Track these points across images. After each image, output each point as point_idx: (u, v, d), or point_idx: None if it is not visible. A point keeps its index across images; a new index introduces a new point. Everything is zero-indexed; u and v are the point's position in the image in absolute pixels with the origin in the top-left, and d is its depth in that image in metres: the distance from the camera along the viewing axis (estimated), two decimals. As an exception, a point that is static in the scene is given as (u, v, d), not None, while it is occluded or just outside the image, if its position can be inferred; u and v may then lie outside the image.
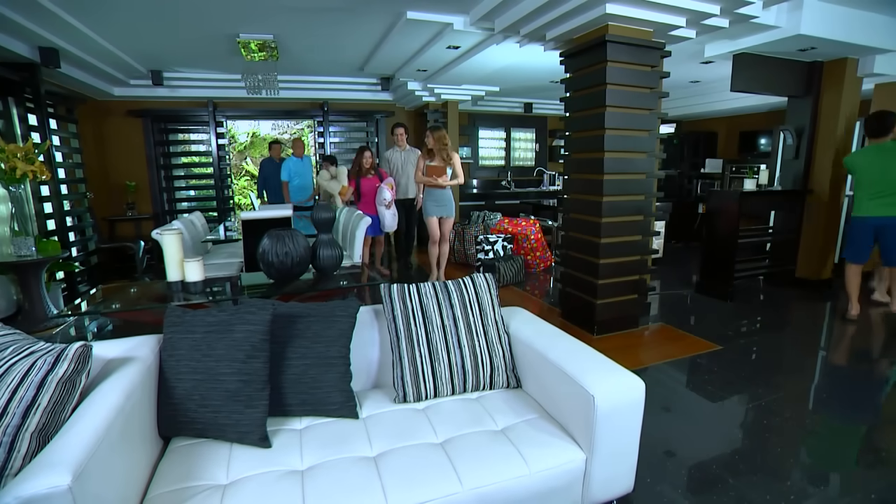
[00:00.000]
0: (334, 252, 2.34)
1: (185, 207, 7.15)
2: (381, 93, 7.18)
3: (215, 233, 5.14)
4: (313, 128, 7.50)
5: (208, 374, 1.42)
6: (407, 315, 1.82)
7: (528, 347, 1.80)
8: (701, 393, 2.86)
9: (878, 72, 4.60)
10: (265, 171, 6.47)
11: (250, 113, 7.19)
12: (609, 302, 3.63)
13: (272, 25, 4.30)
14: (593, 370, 1.53)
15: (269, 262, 2.14)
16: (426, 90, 6.61)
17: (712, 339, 3.60)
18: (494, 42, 4.35)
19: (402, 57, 5.38)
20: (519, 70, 5.68)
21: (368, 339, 1.88)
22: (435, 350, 1.77)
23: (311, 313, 1.62)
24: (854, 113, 4.82)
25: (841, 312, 4.34)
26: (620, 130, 3.39)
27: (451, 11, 3.99)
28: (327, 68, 6.18)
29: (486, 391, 1.82)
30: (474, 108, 8.30)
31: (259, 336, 1.44)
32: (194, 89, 6.44)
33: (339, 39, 4.81)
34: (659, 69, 3.58)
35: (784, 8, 3.81)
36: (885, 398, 2.82)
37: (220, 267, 3.76)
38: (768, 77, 4.64)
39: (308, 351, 1.55)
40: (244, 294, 2.20)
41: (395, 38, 4.58)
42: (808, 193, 4.99)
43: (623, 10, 3.14)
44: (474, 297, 1.90)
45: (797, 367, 3.23)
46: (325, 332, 1.60)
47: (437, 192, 4.62)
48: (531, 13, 3.42)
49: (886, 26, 4.22)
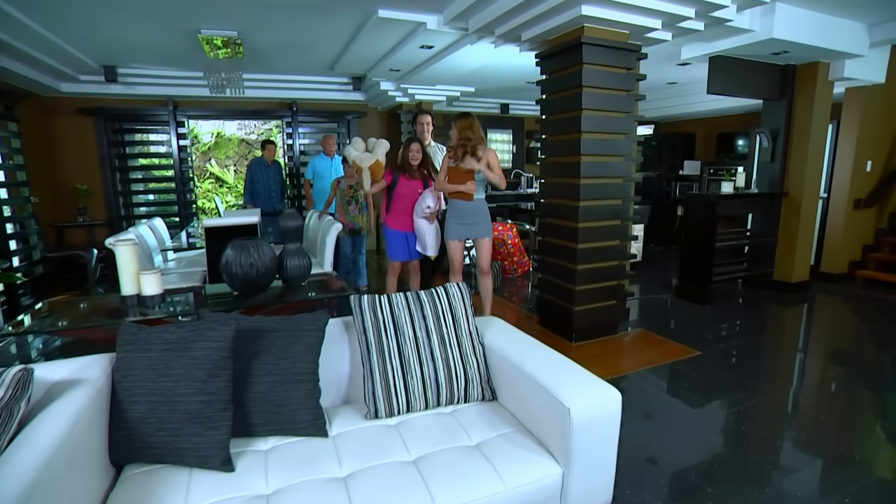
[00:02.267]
0: (302, 262, 2.31)
1: (144, 213, 6.95)
2: (353, 93, 7.16)
3: (177, 240, 5.03)
4: (282, 129, 7.42)
5: (166, 395, 1.38)
6: (378, 327, 1.81)
7: (502, 359, 1.81)
8: (681, 399, 2.93)
9: (848, 76, 4.83)
10: (253, 174, 6.06)
11: (214, 112, 7.06)
12: (587, 308, 3.69)
13: (236, 21, 4.24)
14: (569, 382, 1.55)
15: (232, 274, 2.11)
16: (399, 90, 6.62)
17: (691, 344, 3.70)
18: (469, 42, 4.39)
19: (374, 56, 5.37)
20: (495, 71, 5.74)
21: (338, 353, 1.86)
22: (407, 363, 1.77)
23: (278, 327, 1.60)
24: (826, 116, 5.04)
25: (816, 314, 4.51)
26: (597, 134, 3.47)
27: (423, 10, 4.01)
28: (296, 67, 6.13)
29: (461, 404, 1.83)
30: (450, 108, 8.33)
31: (221, 353, 1.42)
32: (152, 87, 6.28)
33: (307, 37, 4.78)
34: (635, 72, 3.67)
35: (757, 12, 3.96)
36: (860, 401, 2.94)
37: (181, 277, 3.67)
38: (744, 80, 4.82)
39: (274, 367, 1.53)
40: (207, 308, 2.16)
41: (367, 36, 4.58)
42: (783, 196, 5.19)
43: (599, 12, 3.22)
44: (447, 308, 1.90)
45: (775, 371, 3.35)
46: (292, 347, 1.58)
47: (462, 204, 3.47)
48: (506, 13, 3.47)
49: (855, 32, 4.44)
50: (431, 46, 4.73)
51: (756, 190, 5.42)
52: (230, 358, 1.45)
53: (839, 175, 5.53)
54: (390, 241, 3.94)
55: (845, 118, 5.41)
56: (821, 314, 4.80)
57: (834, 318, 4.71)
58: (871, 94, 5.23)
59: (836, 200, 5.57)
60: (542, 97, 3.86)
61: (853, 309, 4.95)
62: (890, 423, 2.72)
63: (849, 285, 5.54)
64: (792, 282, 5.19)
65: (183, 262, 4.46)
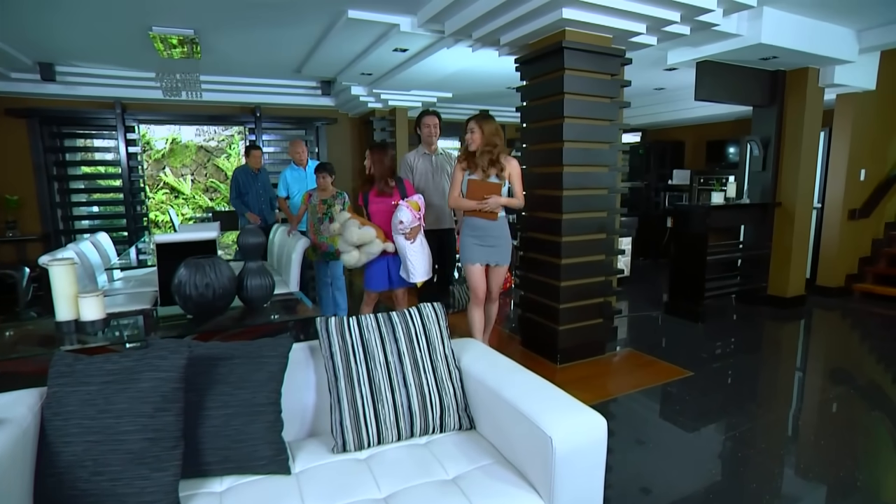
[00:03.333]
0: (264, 281, 2.30)
1: (87, 227, 6.81)
2: (322, 97, 7.19)
3: (125, 257, 4.93)
4: (244, 135, 7.39)
5: (106, 433, 1.35)
6: (346, 351, 1.81)
7: (481, 384, 1.82)
8: (674, 423, 2.98)
9: (838, 82, 5.05)
10: (240, 185, 5.68)
11: (168, 117, 7.00)
12: (572, 328, 3.73)
13: (192, 19, 4.23)
14: (551, 408, 1.57)
15: (185, 296, 2.08)
16: (372, 96, 6.67)
17: (683, 364, 3.77)
18: (445, 45, 4.47)
19: (345, 59, 5.42)
20: (473, 75, 5.83)
21: (303, 380, 1.85)
22: (378, 390, 1.77)
23: (236, 354, 1.59)
24: (818, 123, 5.26)
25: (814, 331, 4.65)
26: (580, 143, 3.55)
27: (396, 11, 4.08)
28: (259, 69, 6.13)
29: (436, 434, 1.83)
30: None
31: (171, 384, 1.40)
32: (97, 87, 6.13)
33: (272, 37, 4.80)
34: (620, 77, 3.79)
35: (744, 16, 4.13)
36: (862, 423, 3.03)
37: (129, 299, 3.60)
38: (732, 86, 5.00)
39: (231, 398, 1.51)
40: (157, 333, 2.12)
41: (336, 38, 4.62)
42: (776, 206, 5.36)
43: (580, 16, 3.32)
44: (421, 330, 1.91)
45: (772, 392, 3.43)
46: (252, 375, 1.56)
47: (483, 223, 3.27)
48: (483, 16, 3.55)
49: (844, 37, 4.66)
50: (406, 49, 4.80)
51: (748, 200, 5.59)
52: (181, 389, 1.43)
53: (833, 184, 5.75)
54: (367, 267, 3.61)
55: (837, 126, 5.65)
56: (818, 331, 4.94)
57: (832, 334, 4.86)
58: (863, 101, 5.48)
59: (831, 211, 5.78)
60: (523, 104, 3.94)
61: (851, 325, 5.11)
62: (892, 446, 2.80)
63: (846, 299, 5.73)
64: (787, 296, 5.34)
65: (132, 281, 4.37)
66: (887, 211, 6.08)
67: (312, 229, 4.27)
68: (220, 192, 10.96)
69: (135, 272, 4.64)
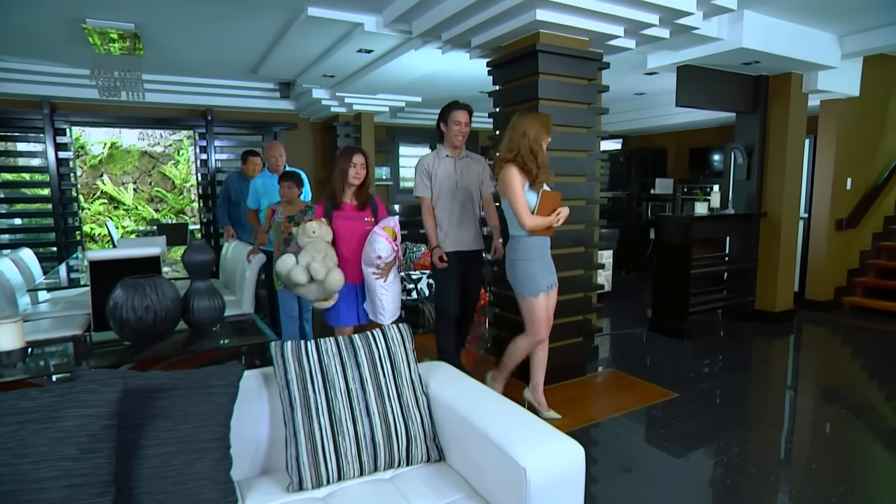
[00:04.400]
0: (213, 303, 2.27)
1: (7, 241, 6.54)
2: (280, 101, 7.16)
3: (52, 276, 4.77)
4: (194, 140, 7.28)
5: (21, 481, 1.28)
6: (304, 378, 1.79)
7: (450, 412, 1.82)
8: (660, 449, 3.03)
9: (822, 88, 5.29)
10: (230, 192, 5.28)
11: (105, 119, 6.83)
12: (550, 348, 3.74)
13: (134, 12, 4.13)
14: (525, 437, 1.58)
15: (122, 320, 2.03)
16: (335, 99, 6.68)
17: (669, 384, 3.83)
18: (413, 47, 4.52)
19: (305, 59, 5.42)
20: (443, 79, 5.90)
21: (255, 412, 1.82)
22: (338, 421, 1.75)
23: (179, 385, 1.55)
24: (802, 130, 5.48)
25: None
26: (556, 152, 3.60)
27: (360, 10, 4.11)
28: (210, 69, 6.07)
29: (402, 468, 1.82)
30: (393, 120, 8.47)
31: (101, 421, 1.35)
32: (21, 84, 5.90)
33: (224, 35, 4.76)
34: (597, 83, 3.88)
35: (725, 20, 4.30)
36: (855, 444, 3.12)
37: (57, 323, 3.48)
38: (714, 91, 5.18)
39: (171, 435, 1.48)
40: (87, 364, 2.06)
41: (295, 37, 4.63)
42: (762, 217, 5.54)
43: (555, 17, 3.41)
44: (385, 353, 1.91)
45: (760, 413, 3.51)
46: (197, 407, 1.53)
47: (545, 243, 3.09)
48: (453, 16, 3.60)
49: (826, 42, 4.89)
50: (371, 51, 4.84)
51: (732, 210, 5.77)
52: (113, 427, 1.38)
53: (819, 193, 5.98)
54: (338, 305, 3.20)
55: (822, 133, 5.89)
56: (808, 347, 5.10)
57: (822, 351, 5.02)
58: (847, 108, 5.74)
59: (818, 221, 6.00)
60: (496, 110, 4.01)
61: (842, 340, 5.30)
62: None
63: (836, 313, 5.94)
64: (775, 311, 5.51)
65: (60, 303, 4.23)
66: (874, 221, 6.34)
67: (277, 252, 3.84)
68: (167, 202, 10.74)
69: (65, 293, 4.50)
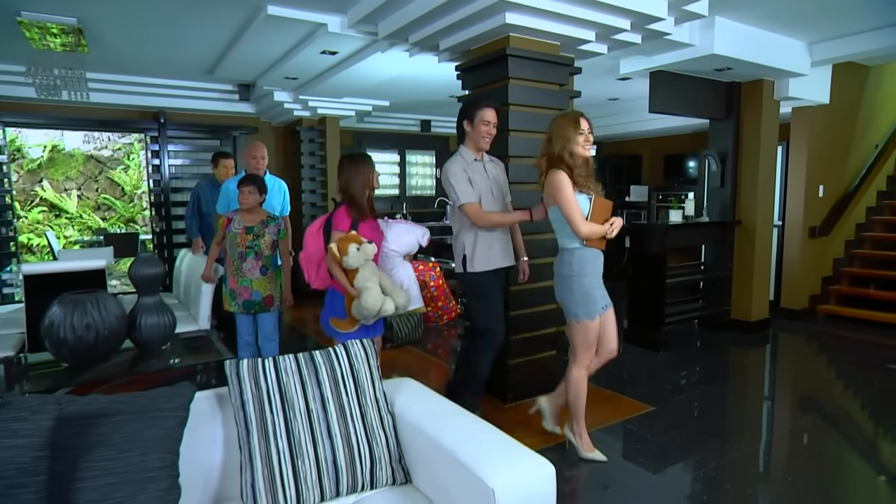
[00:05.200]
0: (162, 319, 2.21)
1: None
2: (240, 103, 7.08)
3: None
4: (145, 144, 7.12)
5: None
6: (261, 399, 1.76)
7: (417, 431, 1.81)
8: (637, 464, 3.07)
9: (793, 95, 5.48)
10: (201, 200, 5.07)
11: (45, 120, 6.63)
12: (523, 361, 3.79)
13: (75, 5, 4.01)
14: (494, 456, 1.58)
15: (59, 340, 1.96)
16: (298, 102, 6.64)
17: (644, 398, 3.89)
18: (379, 49, 4.52)
19: (265, 60, 5.38)
20: (412, 82, 5.92)
21: (208, 436, 1.78)
22: (297, 443, 1.73)
23: (122, 409, 1.51)
24: (774, 137, 5.66)
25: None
26: (527, 159, 3.64)
27: (323, 10, 4.10)
28: (163, 68, 5.96)
29: (366, 492, 1.80)
30: (360, 125, 8.46)
31: (30, 453, 1.29)
32: (-55, 81, 5.66)
33: (177, 33, 4.68)
34: (569, 88, 3.95)
35: (696, 26, 4.43)
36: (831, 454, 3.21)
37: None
38: (687, 97, 5.32)
39: (113, 465, 1.43)
40: (19, 388, 1.99)
41: (255, 36, 4.59)
42: (736, 224, 5.69)
43: (525, 21, 3.45)
44: (348, 371, 1.89)
45: (737, 426, 3.60)
46: (141, 434, 1.49)
47: (600, 256, 2.96)
48: (420, 18, 3.62)
49: (796, 50, 5.08)
50: (335, 52, 4.83)
51: (707, 218, 5.91)
52: (45, 458, 1.32)
53: (792, 201, 6.18)
54: (334, 308, 3.00)
55: (794, 140, 6.10)
56: (784, 357, 5.25)
57: (797, 360, 5.16)
58: (818, 115, 5.96)
59: (791, 229, 6.20)
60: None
61: (817, 349, 5.46)
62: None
63: (811, 322, 6.12)
64: (751, 320, 5.65)
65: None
66: (847, 228, 6.58)
67: (231, 268, 3.57)
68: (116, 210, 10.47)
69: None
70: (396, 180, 9.37)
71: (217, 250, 3.77)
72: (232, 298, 3.56)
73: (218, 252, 3.77)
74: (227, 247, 3.60)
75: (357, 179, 2.94)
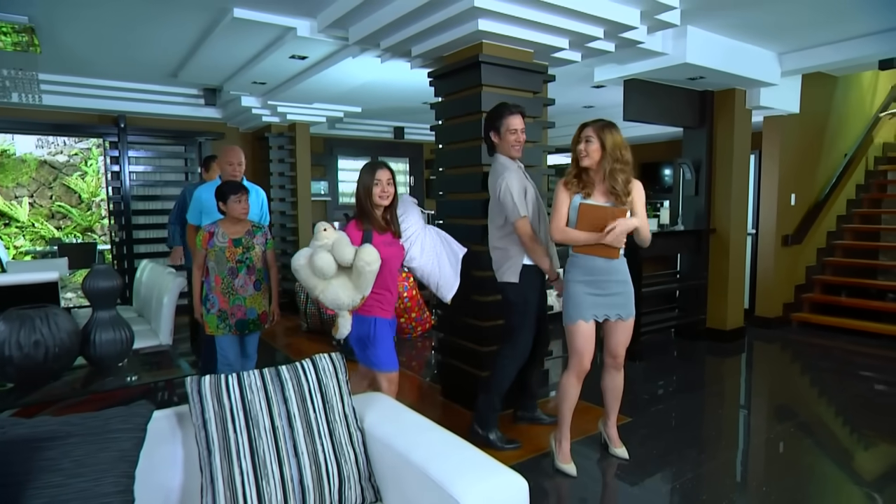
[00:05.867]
0: (118, 335, 2.16)
1: None
2: (205, 108, 7.00)
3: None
4: (104, 149, 6.98)
5: None
6: (223, 417, 1.73)
7: (387, 447, 1.80)
8: (616, 477, 3.10)
9: (764, 104, 5.63)
10: (185, 205, 4.61)
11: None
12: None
13: (27, 4, 3.89)
14: (465, 471, 1.57)
15: (4, 358, 1.89)
16: (267, 108, 6.59)
17: (621, 408, 3.89)
18: (350, 54, 4.52)
19: (232, 64, 5.33)
20: (384, 88, 5.93)
21: (167, 457, 1.74)
22: (262, 464, 1.69)
23: (73, 431, 1.46)
24: (747, 146, 5.81)
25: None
26: (500, 166, 3.67)
27: (293, 13, 4.09)
28: (123, 71, 5.83)
29: (335, 514, 1.77)
30: (332, 131, 8.43)
31: (-28, 479, 1.26)
32: None
33: (138, 34, 4.59)
34: (542, 95, 3.99)
35: (669, 35, 4.53)
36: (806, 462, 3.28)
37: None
38: (661, 106, 5.42)
39: (62, 491, 1.38)
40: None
41: (220, 39, 4.55)
42: (711, 233, 5.81)
43: (498, 28, 3.49)
44: (315, 386, 1.87)
45: (714, 435, 3.66)
46: (95, 457, 1.44)
47: (601, 264, 2.87)
48: (391, 24, 3.63)
49: (767, 60, 5.23)
50: (305, 57, 4.81)
51: (682, 227, 6.02)
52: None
53: (765, 209, 6.33)
54: (382, 340, 2.84)
55: (766, 149, 6.27)
56: (759, 366, 5.36)
57: (773, 369, 5.27)
58: (789, 124, 6.13)
59: (765, 237, 6.34)
60: (438, 123, 4.04)
61: (791, 357, 5.59)
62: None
63: (785, 330, 6.27)
64: (727, 329, 5.75)
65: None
66: (818, 236, 6.76)
67: (219, 287, 3.27)
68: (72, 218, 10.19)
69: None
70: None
71: (200, 276, 3.36)
72: (221, 321, 3.26)
73: (202, 279, 3.36)
74: (210, 264, 3.29)
75: (359, 189, 2.82)
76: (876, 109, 7.27)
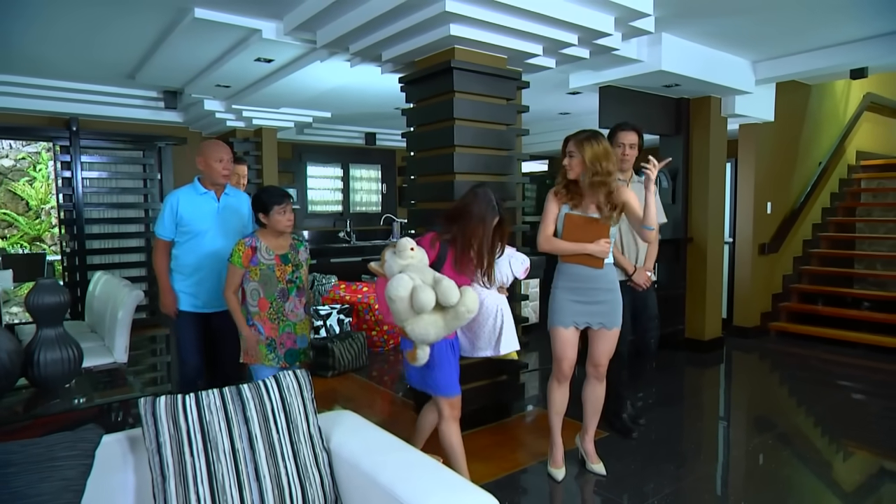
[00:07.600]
0: (65, 353, 2.09)
1: None
2: (165, 111, 6.87)
3: None
4: (54, 154, 6.78)
5: None
6: (179, 440, 1.68)
7: (354, 469, 1.77)
8: (594, 494, 3.11)
9: (739, 112, 5.77)
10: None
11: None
12: (472, 387, 3.75)
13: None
14: (433, 491, 1.55)
15: (-57, 378, 1.82)
16: (231, 112, 6.51)
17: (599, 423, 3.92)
18: (318, 58, 4.50)
19: (194, 66, 5.25)
20: (355, 93, 5.91)
21: (117, 485, 1.69)
22: (221, 489, 1.65)
23: (11, 460, 1.40)
24: (723, 153, 5.93)
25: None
26: (474, 175, 3.68)
27: (257, 15, 4.05)
28: (75, 71, 5.68)
29: (299, 540, 1.74)
30: (300, 137, 8.37)
31: None
32: None
33: (91, 33, 4.46)
34: (516, 102, 4.02)
35: (644, 42, 4.62)
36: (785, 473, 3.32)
37: None
38: (638, 113, 5.50)
39: (-1, 523, 1.33)
40: None
41: (181, 40, 4.48)
42: (688, 242, 5.90)
43: (470, 33, 3.51)
44: (279, 405, 1.83)
45: (692, 449, 3.70)
46: (34, 487, 1.39)
47: (586, 272, 2.96)
48: (360, 27, 3.62)
49: (741, 68, 5.37)
50: (271, 60, 4.77)
51: (660, 236, 6.08)
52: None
53: (742, 218, 6.47)
54: (443, 362, 2.77)
55: (741, 156, 6.42)
56: (738, 376, 5.46)
57: (751, 379, 5.37)
58: (764, 132, 6.29)
59: (742, 246, 6.48)
60: (410, 129, 4.04)
61: (770, 367, 5.70)
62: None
63: (763, 340, 6.39)
64: (705, 339, 5.85)
65: None
66: (794, 245, 6.92)
67: (266, 312, 2.94)
68: (19, 227, 9.89)
69: None
70: (340, 196, 9.31)
71: (237, 302, 2.93)
72: (270, 350, 2.94)
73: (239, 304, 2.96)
74: (252, 285, 2.92)
75: (473, 223, 2.80)
76: (849, 118, 7.50)
